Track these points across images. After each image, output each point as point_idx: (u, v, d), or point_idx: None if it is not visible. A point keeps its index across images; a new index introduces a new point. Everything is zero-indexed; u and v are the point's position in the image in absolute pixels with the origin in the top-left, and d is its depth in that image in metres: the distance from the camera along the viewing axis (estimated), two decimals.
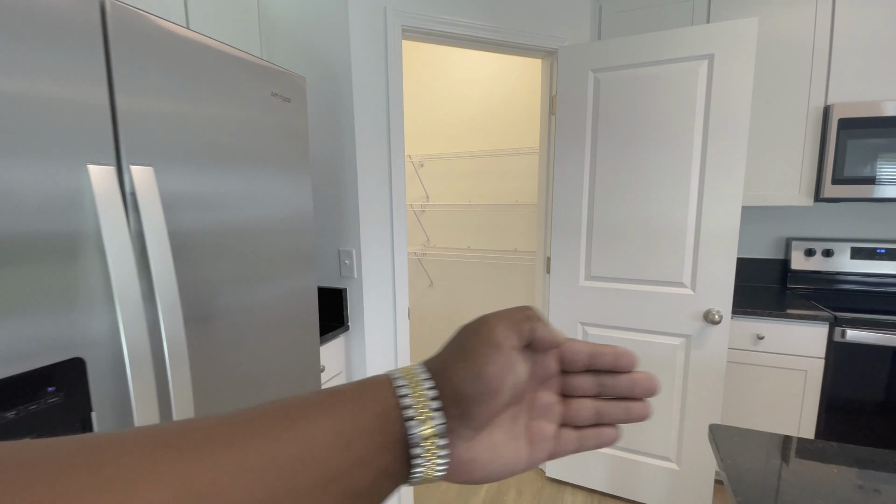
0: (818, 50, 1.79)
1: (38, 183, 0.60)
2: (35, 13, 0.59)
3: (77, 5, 0.63)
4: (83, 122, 0.64)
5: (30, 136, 0.59)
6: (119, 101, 0.69)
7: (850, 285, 2.05)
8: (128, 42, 0.70)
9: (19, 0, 0.57)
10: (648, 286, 1.70)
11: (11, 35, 0.56)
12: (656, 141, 1.61)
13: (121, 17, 0.69)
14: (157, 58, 0.75)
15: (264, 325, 1.03)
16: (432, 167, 2.92)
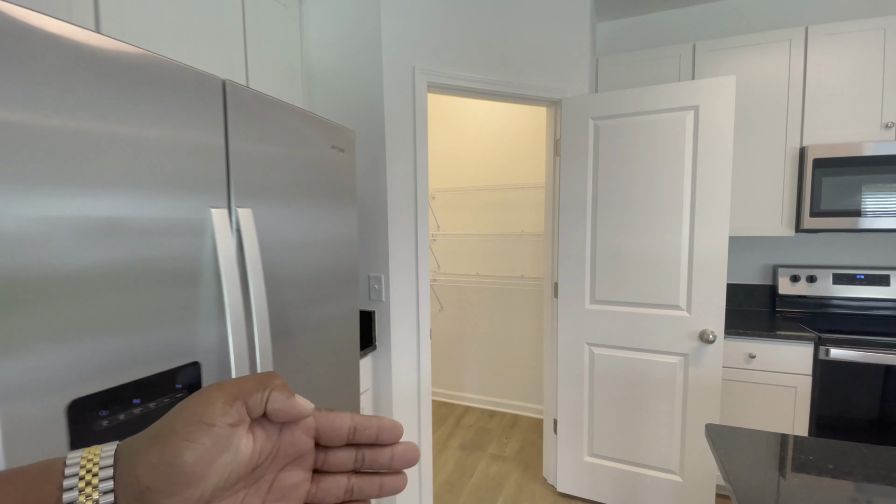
0: (792, 96, 2.03)
1: (176, 220, 0.78)
2: (178, 94, 0.78)
3: (205, 84, 0.83)
4: (209, 175, 0.83)
5: (174, 185, 0.77)
6: (232, 159, 0.88)
7: (834, 309, 2.22)
8: (237, 109, 0.90)
9: (176, 79, 0.77)
10: (648, 308, 1.87)
11: (165, 105, 0.76)
12: (651, 179, 1.82)
13: (236, 94, 0.89)
14: (256, 120, 0.94)
15: (322, 339, 1.20)
16: (443, 199, 3.14)
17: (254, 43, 1.53)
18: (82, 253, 0.64)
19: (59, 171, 0.61)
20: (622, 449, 1.97)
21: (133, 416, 0.72)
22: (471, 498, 2.11)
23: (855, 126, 1.96)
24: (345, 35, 1.72)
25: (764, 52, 2.06)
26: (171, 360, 0.78)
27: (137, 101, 0.70)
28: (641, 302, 1.88)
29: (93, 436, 0.67)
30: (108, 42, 0.67)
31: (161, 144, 0.74)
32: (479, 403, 3.15)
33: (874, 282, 2.17)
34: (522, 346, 2.95)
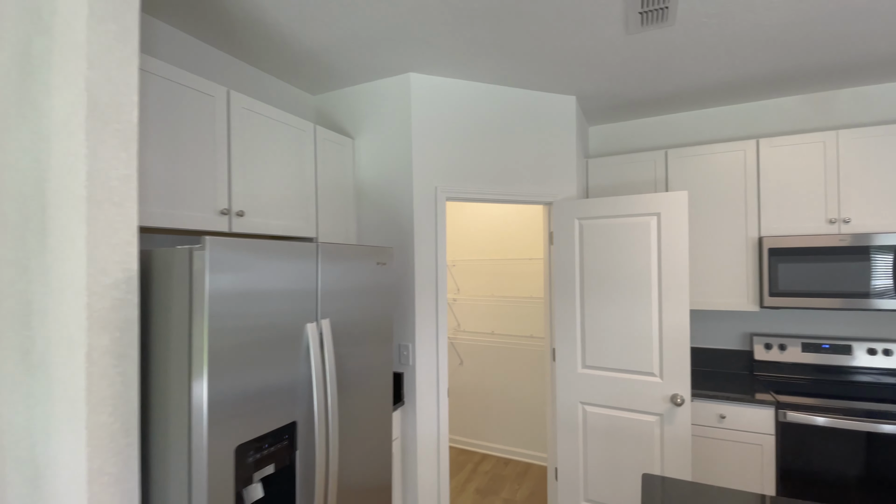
0: (749, 195, 2.46)
1: (289, 333, 1.29)
2: (284, 256, 1.32)
3: (305, 249, 1.37)
4: (307, 308, 1.35)
5: (288, 310, 1.29)
6: (321, 293, 1.41)
7: (806, 374, 2.52)
8: (326, 260, 1.43)
9: (294, 248, 1.30)
10: (629, 374, 2.26)
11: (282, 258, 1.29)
12: (626, 267, 2.26)
13: (325, 250, 1.43)
14: (333, 262, 1.48)
15: (368, 396, 1.67)
16: (464, 266, 3.64)
17: (323, 173, 2.12)
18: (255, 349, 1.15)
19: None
20: (612, 495, 2.30)
21: (263, 455, 1.21)
22: None
23: (804, 221, 2.36)
24: (385, 164, 2.30)
25: (723, 158, 2.51)
26: (281, 420, 1.27)
27: (277, 264, 1.24)
28: (623, 368, 2.28)
29: (244, 466, 1.16)
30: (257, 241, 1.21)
31: (289, 288, 1.27)
32: (495, 451, 3.49)
33: (838, 350, 2.47)
34: (532, 399, 3.32)
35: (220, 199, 1.64)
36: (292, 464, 1.31)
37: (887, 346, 2.37)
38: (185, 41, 1.87)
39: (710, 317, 2.80)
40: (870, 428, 2.00)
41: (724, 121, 2.78)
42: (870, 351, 2.40)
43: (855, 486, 2.02)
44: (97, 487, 1.02)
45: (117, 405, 1.06)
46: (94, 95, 1.01)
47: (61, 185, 1.03)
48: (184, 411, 1.08)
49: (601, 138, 3.11)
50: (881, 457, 1.99)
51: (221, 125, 1.65)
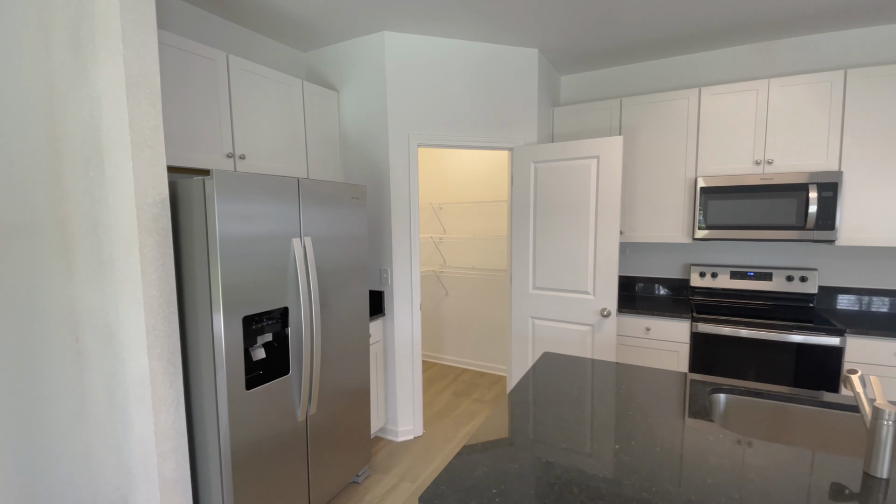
0: (689, 139, 2.76)
1: (279, 243, 1.77)
2: (272, 188, 1.77)
3: (289, 182, 1.81)
4: (292, 227, 1.82)
5: (277, 227, 1.76)
6: (302, 216, 1.87)
7: (732, 298, 2.93)
8: (306, 193, 1.88)
9: (267, 183, 1.76)
10: (569, 293, 2.71)
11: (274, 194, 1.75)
12: (570, 203, 2.65)
13: (304, 184, 1.87)
14: (312, 193, 1.92)
15: (347, 307, 2.18)
16: (448, 209, 4.06)
17: (311, 122, 2.53)
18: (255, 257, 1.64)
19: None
20: None
21: (263, 325, 1.74)
22: (451, 422, 3.06)
23: (734, 162, 2.67)
24: (365, 115, 2.68)
25: (670, 106, 2.79)
26: (276, 303, 1.78)
27: (261, 196, 1.70)
28: (565, 288, 2.73)
29: (249, 332, 1.68)
30: (246, 172, 1.66)
31: (273, 213, 1.74)
32: (474, 367, 4.08)
33: (761, 277, 2.86)
34: (504, 322, 3.84)
35: (225, 145, 2.08)
36: (285, 337, 1.84)
37: (803, 273, 2.74)
38: (190, 11, 2.24)
39: (655, 249, 3.19)
40: (761, 336, 2.43)
41: (675, 71, 3.02)
42: (788, 278, 2.78)
43: (751, 380, 2.48)
44: (152, 338, 1.56)
45: (162, 285, 1.57)
46: (129, 68, 1.43)
47: (112, 133, 1.48)
48: (205, 289, 1.59)
49: (572, 87, 3.38)
50: (770, 359, 2.44)
51: (223, 84, 2.06)
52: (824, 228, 2.42)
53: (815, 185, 2.41)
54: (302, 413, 1.91)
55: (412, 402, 2.82)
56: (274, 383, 1.79)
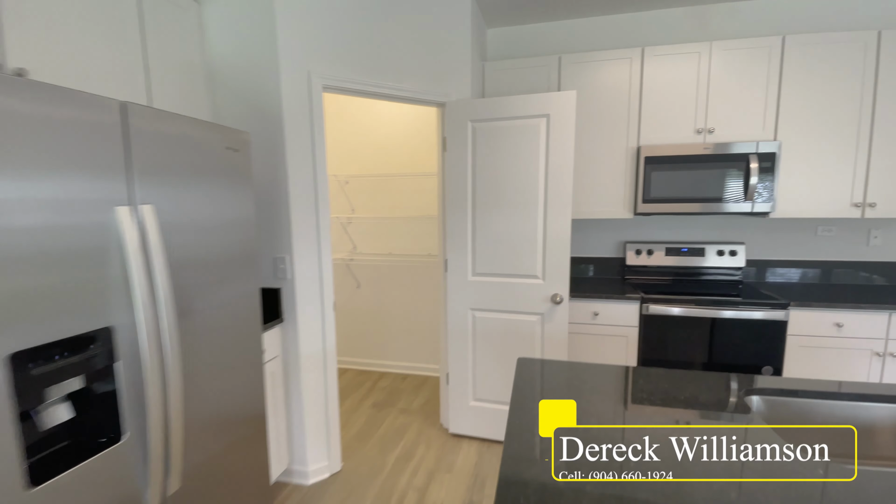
0: (632, 105, 2.51)
1: (88, 216, 1.00)
2: (69, 110, 0.99)
3: (104, 106, 1.04)
4: (114, 187, 1.05)
5: (81, 187, 0.99)
6: (137, 171, 1.10)
7: (667, 275, 2.82)
8: (142, 130, 1.11)
9: (77, 112, 0.97)
10: (515, 278, 2.30)
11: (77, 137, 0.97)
12: (516, 173, 2.22)
13: (136, 114, 1.10)
14: (154, 134, 1.16)
15: (226, 315, 1.45)
16: (358, 184, 3.38)
17: (154, 42, 1.67)
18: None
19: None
20: (498, 392, 2.42)
21: (59, 366, 0.96)
22: (376, 444, 2.47)
23: (676, 131, 2.49)
24: (243, 39, 1.89)
25: (612, 67, 2.51)
26: (87, 323, 1.01)
27: (42, 130, 0.91)
28: (510, 273, 2.31)
29: (28, 381, 0.90)
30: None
31: (81, 157, 0.96)
32: (394, 369, 3.51)
33: (695, 253, 2.78)
34: (429, 315, 3.33)
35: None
36: (112, 378, 1.08)
37: (733, 247, 2.71)
38: None
39: (590, 226, 2.95)
40: (713, 314, 2.29)
41: (615, 29, 2.76)
42: (719, 252, 2.73)
43: (700, 363, 2.35)
44: None
45: None
46: None
47: None
48: None
49: (500, 42, 2.94)
50: (720, 338, 2.32)
51: None
52: (763, 201, 2.36)
53: (755, 155, 2.33)
54: (155, 496, 1.16)
55: (326, 431, 2.17)
56: (93, 461, 1.03)
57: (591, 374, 1.39)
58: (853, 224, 2.58)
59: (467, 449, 2.43)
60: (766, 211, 2.38)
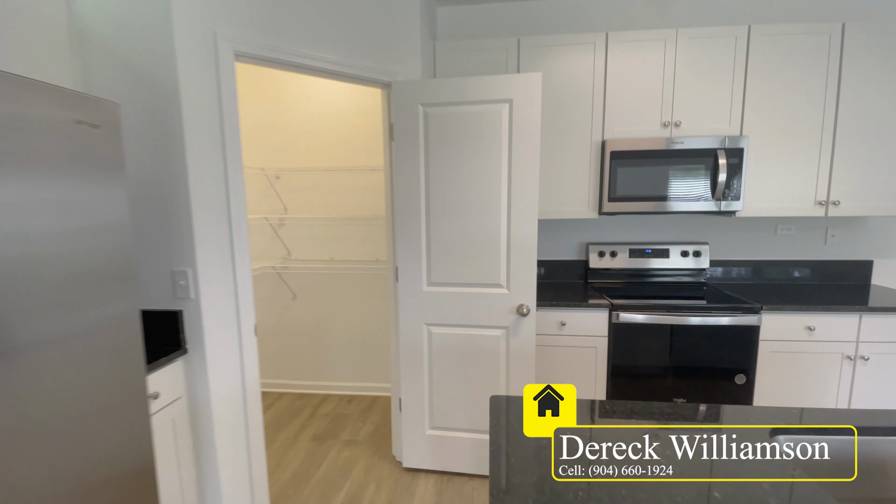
0: (596, 95, 2.30)
1: None
2: None
3: None
4: None
5: None
6: None
7: (631, 278, 2.65)
8: None
9: None
10: (476, 288, 2.01)
11: None
12: (475, 168, 1.92)
13: None
14: None
15: (81, 353, 1.02)
16: (290, 179, 2.94)
17: None
18: None
19: None
20: (458, 418, 2.12)
21: None
22: (315, 489, 2.08)
23: (642, 124, 2.31)
24: None
25: (575, 53, 2.29)
26: None
27: None
28: (471, 282, 2.01)
29: None
30: None
31: None
32: (338, 390, 3.10)
33: (659, 254, 2.63)
34: (378, 328, 2.97)
35: None
36: None
37: (697, 248, 2.59)
38: None
39: (551, 227, 2.72)
40: (685, 321, 2.13)
41: (576, 12, 2.55)
42: (682, 253, 2.60)
43: (673, 372, 2.18)
44: None
45: None
46: None
47: None
48: None
49: (451, 22, 2.64)
50: (692, 345, 2.17)
51: None
52: (731, 199, 2.24)
53: (723, 151, 2.20)
54: None
55: (249, 484, 1.75)
56: None
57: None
58: (812, 223, 2.55)
59: (424, 486, 2.10)
60: (734, 210, 2.26)
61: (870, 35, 2.11)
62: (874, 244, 2.53)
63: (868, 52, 2.12)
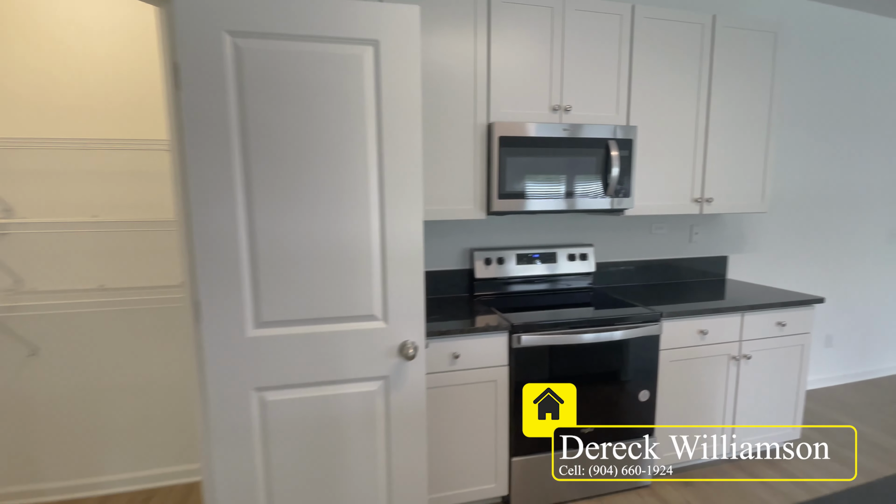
0: (479, 70, 1.85)
1: None
2: None
3: None
4: None
5: None
6: None
7: (517, 287, 2.29)
8: None
9: None
10: (336, 324, 1.33)
11: None
12: (328, 137, 1.25)
13: None
14: None
15: None
16: (23, 159, 1.80)
17: None
18: None
19: None
20: None
21: None
22: None
23: (530, 107, 1.95)
24: None
25: (451, 14, 1.80)
26: None
27: None
28: (326, 316, 1.33)
29: None
30: None
31: None
32: (125, 485, 2.04)
33: (547, 259, 2.33)
34: (180, 387, 2.02)
35: None
36: None
37: (583, 250, 2.36)
38: None
39: (431, 231, 2.22)
40: (593, 338, 1.81)
41: None
42: (570, 257, 2.35)
43: (579, 397, 1.83)
44: None
45: None
46: None
47: None
48: None
49: None
50: (596, 362, 1.86)
51: None
52: (623, 195, 2.03)
53: (615, 141, 1.97)
54: None
55: None
56: None
57: None
58: (680, 221, 2.55)
59: None
60: (624, 208, 2.06)
61: (734, 30, 2.11)
62: (729, 241, 2.67)
63: (732, 48, 2.12)
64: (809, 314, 2.10)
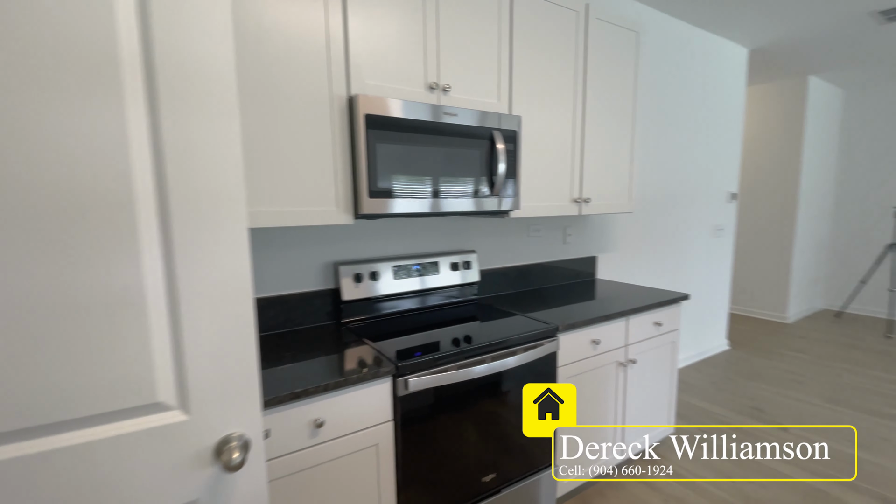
0: (333, 28, 1.37)
1: None
2: None
3: None
4: None
5: None
6: None
7: (398, 307, 1.88)
8: None
9: None
10: (91, 429, 0.71)
11: None
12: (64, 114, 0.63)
13: None
14: None
15: None
16: None
17: None
18: None
19: None
20: None
21: None
22: None
23: (403, 82, 1.54)
24: None
25: None
26: None
27: None
28: (64, 419, 0.69)
29: None
30: None
31: None
32: None
33: (428, 270, 1.96)
34: None
35: None
36: None
37: (466, 257, 2.06)
38: None
39: (274, 240, 1.65)
40: (494, 368, 1.49)
41: None
42: (452, 266, 2.02)
43: (477, 439, 1.50)
44: None
45: None
46: None
47: None
48: None
49: None
50: (496, 394, 1.56)
51: None
52: (509, 195, 1.77)
53: (499, 132, 1.70)
54: None
55: None
56: None
57: None
58: (554, 223, 2.46)
59: None
60: (510, 209, 1.81)
61: (604, 24, 2.05)
62: (597, 241, 2.68)
63: (603, 42, 2.06)
64: (678, 311, 2.17)
